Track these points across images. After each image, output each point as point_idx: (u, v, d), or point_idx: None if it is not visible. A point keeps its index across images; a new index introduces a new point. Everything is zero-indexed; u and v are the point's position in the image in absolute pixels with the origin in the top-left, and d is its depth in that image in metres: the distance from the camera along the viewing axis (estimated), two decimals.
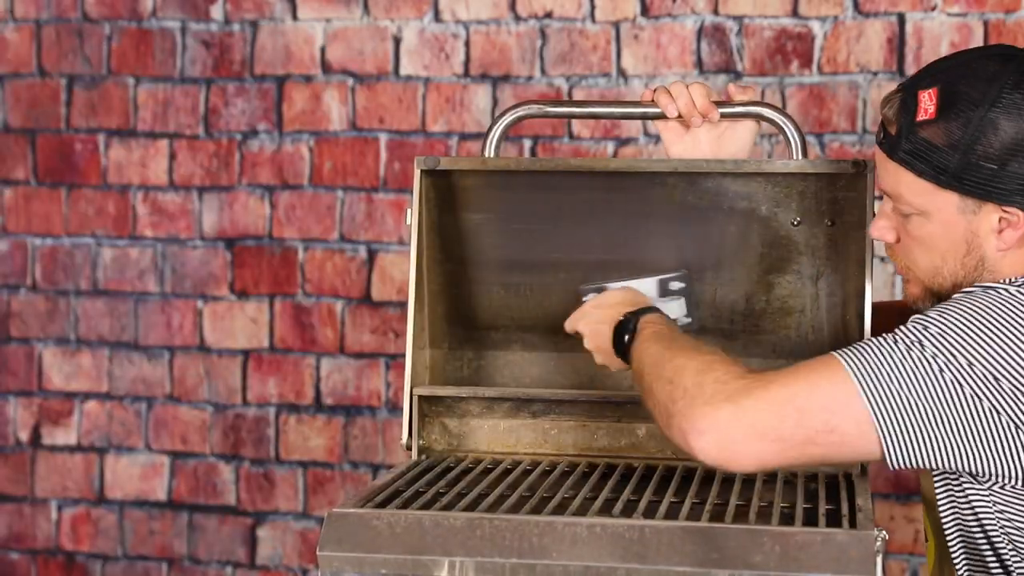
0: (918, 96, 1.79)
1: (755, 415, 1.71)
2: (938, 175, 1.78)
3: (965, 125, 1.75)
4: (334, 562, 1.70)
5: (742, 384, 1.73)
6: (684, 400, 1.74)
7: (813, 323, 2.17)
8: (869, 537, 1.62)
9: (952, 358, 1.70)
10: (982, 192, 1.77)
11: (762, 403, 1.71)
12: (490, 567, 1.67)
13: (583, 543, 1.66)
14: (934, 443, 1.71)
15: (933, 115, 1.77)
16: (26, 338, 3.67)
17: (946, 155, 1.77)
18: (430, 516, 1.71)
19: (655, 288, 2.08)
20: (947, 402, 1.69)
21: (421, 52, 3.40)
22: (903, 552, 3.20)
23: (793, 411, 1.71)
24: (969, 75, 1.78)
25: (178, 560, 3.60)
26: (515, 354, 2.26)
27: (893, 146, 1.81)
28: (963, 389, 1.69)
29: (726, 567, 1.63)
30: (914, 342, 1.71)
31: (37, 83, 3.62)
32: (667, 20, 3.27)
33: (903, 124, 1.80)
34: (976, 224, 1.80)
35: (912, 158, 1.79)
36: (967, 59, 1.82)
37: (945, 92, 1.77)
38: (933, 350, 1.70)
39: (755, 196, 2.12)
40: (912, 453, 1.71)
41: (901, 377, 1.70)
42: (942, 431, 1.70)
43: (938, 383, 1.69)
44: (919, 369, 1.70)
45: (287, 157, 3.49)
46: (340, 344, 3.48)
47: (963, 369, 1.69)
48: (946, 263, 1.83)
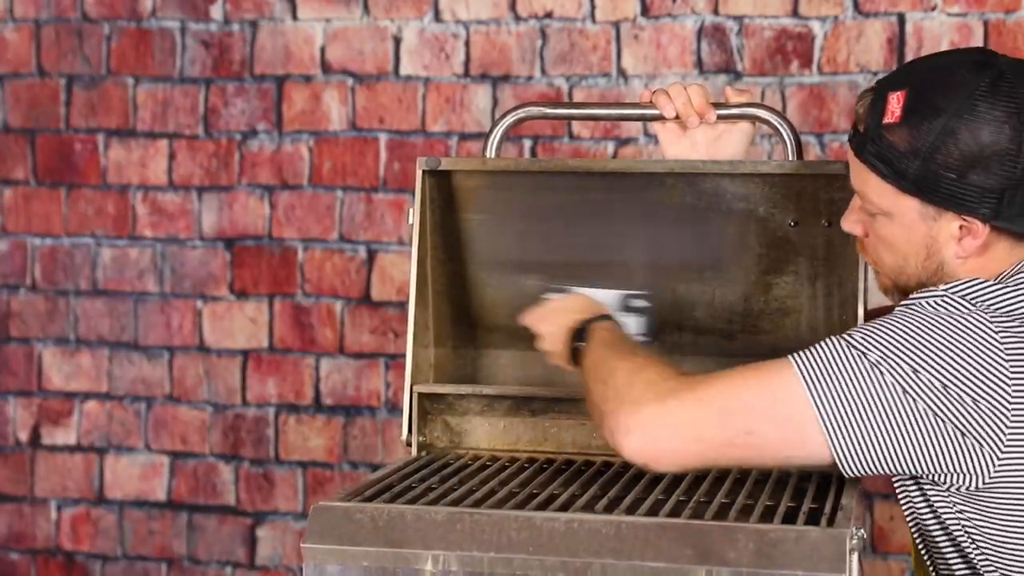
0: (887, 97, 1.79)
1: (677, 415, 1.74)
2: (900, 180, 1.78)
3: (927, 133, 1.75)
4: (317, 555, 1.72)
5: (670, 385, 1.76)
6: (614, 400, 1.78)
7: (811, 324, 2.18)
8: (842, 535, 1.64)
9: (897, 365, 1.71)
10: (941, 200, 1.78)
11: (686, 404, 1.74)
12: (468, 560, 1.69)
13: (560, 538, 1.69)
14: (882, 449, 1.72)
15: (898, 119, 1.77)
16: (26, 338, 3.67)
17: (908, 161, 1.77)
18: (412, 510, 1.73)
19: (617, 301, 2.09)
20: (893, 408, 1.71)
21: (421, 52, 3.40)
22: (903, 552, 3.20)
23: (714, 413, 1.74)
24: (939, 81, 1.78)
25: (178, 560, 3.60)
26: (515, 353, 2.27)
27: (860, 145, 1.82)
28: (907, 395, 1.71)
29: (700, 563, 1.64)
30: (859, 350, 1.73)
31: (37, 83, 3.63)
32: (667, 20, 3.28)
33: (871, 124, 1.81)
34: (936, 230, 1.80)
35: (876, 160, 1.80)
36: (942, 63, 1.82)
37: (912, 97, 1.77)
38: (877, 356, 1.71)
39: (753, 197, 2.13)
40: (863, 459, 1.73)
41: (848, 383, 1.71)
42: (889, 437, 1.72)
43: (883, 389, 1.71)
44: (865, 375, 1.71)
45: (287, 157, 3.49)
46: (340, 344, 3.48)
47: (908, 376, 1.71)
48: (908, 264, 1.85)
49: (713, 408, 1.74)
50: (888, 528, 3.21)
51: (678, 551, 1.66)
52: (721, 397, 1.75)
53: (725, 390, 1.75)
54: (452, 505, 1.80)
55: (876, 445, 1.72)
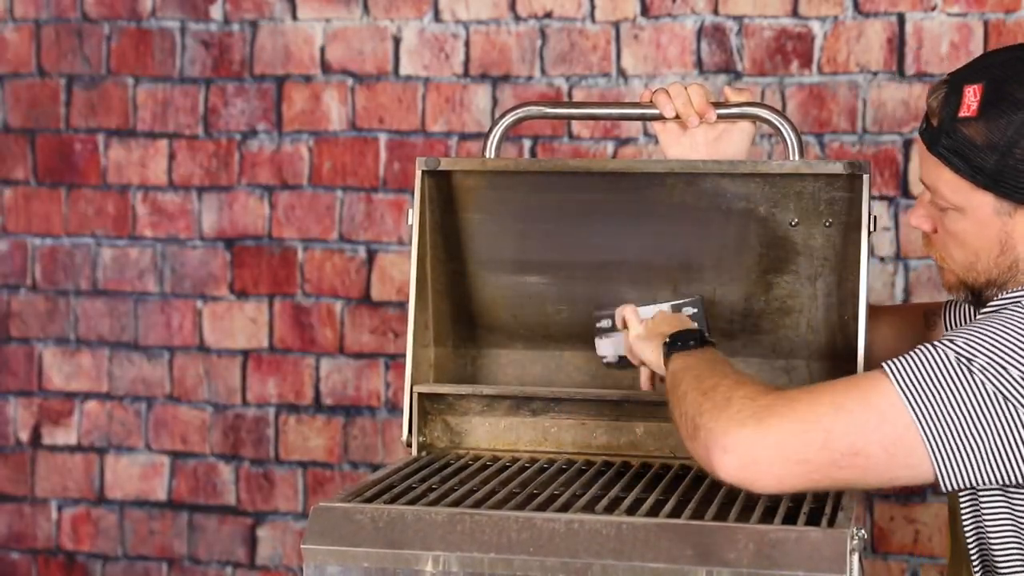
0: (963, 91, 1.75)
1: (779, 435, 1.66)
2: (975, 174, 1.75)
3: (1006, 127, 1.72)
4: (318, 555, 1.72)
5: (768, 401, 1.69)
6: (711, 413, 1.70)
7: (811, 323, 2.18)
8: (843, 535, 1.63)
9: (1002, 372, 1.66)
10: (1019, 195, 1.74)
11: (787, 422, 1.66)
12: (468, 561, 1.69)
13: (560, 539, 1.68)
14: (986, 463, 1.66)
15: (975, 113, 1.73)
16: (26, 338, 3.67)
17: (984, 155, 1.73)
18: (412, 511, 1.73)
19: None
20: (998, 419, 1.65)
21: (421, 52, 3.40)
22: (903, 552, 3.20)
23: (819, 433, 1.66)
24: (1017, 74, 1.74)
25: (178, 560, 3.60)
26: (515, 353, 2.27)
27: (933, 139, 1.78)
28: (1010, 404, 1.65)
29: (700, 563, 1.64)
30: (965, 357, 1.67)
31: (37, 83, 3.63)
32: (667, 20, 3.28)
33: (945, 118, 1.76)
34: (1011, 226, 1.77)
35: (951, 154, 1.76)
36: (1020, 55, 1.77)
37: (990, 90, 1.73)
38: (983, 363, 1.66)
39: (753, 197, 2.13)
40: (965, 472, 1.67)
41: (950, 396, 1.66)
42: (994, 450, 1.66)
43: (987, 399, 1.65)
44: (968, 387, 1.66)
45: (287, 157, 3.49)
46: (340, 344, 3.48)
47: (1014, 383, 1.65)
48: (980, 260, 1.81)
49: (818, 428, 1.66)
50: (888, 528, 3.21)
51: (678, 551, 1.65)
52: (826, 417, 1.67)
53: (829, 410, 1.67)
54: (452, 506, 1.80)
55: (980, 459, 1.66)
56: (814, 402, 1.68)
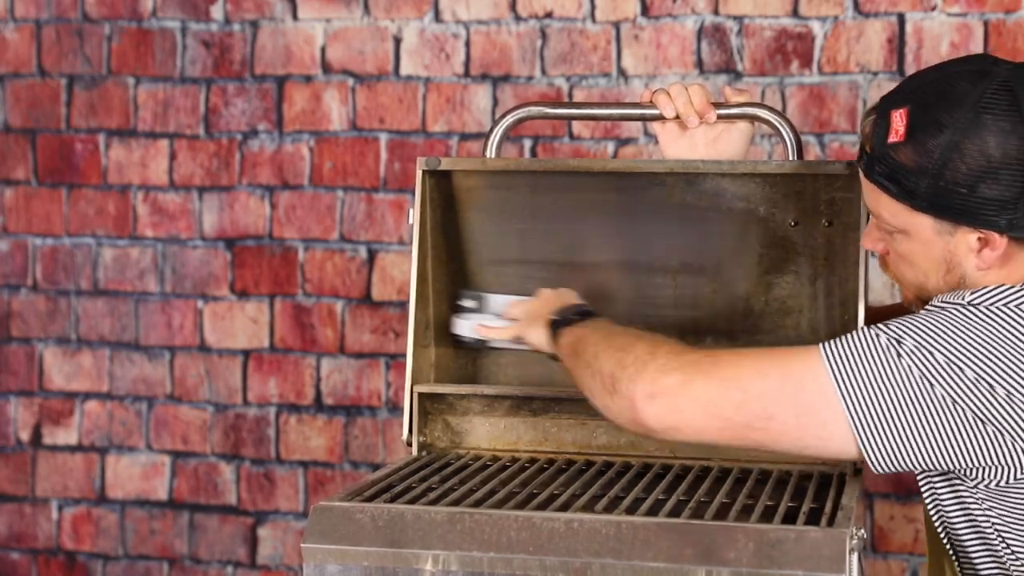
0: (890, 116, 1.77)
1: (701, 390, 1.73)
2: (911, 198, 1.77)
3: (934, 149, 1.73)
4: (317, 554, 1.73)
5: (694, 357, 1.76)
6: (635, 366, 1.76)
7: (811, 323, 2.18)
8: (842, 535, 1.64)
9: (928, 356, 1.70)
10: (955, 216, 1.76)
11: (711, 381, 1.73)
12: (468, 561, 1.69)
13: (560, 538, 1.69)
14: (913, 444, 1.71)
15: (903, 138, 1.75)
16: (27, 338, 3.67)
17: (916, 179, 1.75)
18: (412, 510, 1.73)
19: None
20: (923, 401, 1.70)
21: (421, 52, 3.41)
22: (903, 552, 3.21)
23: (737, 394, 1.72)
24: (940, 96, 1.75)
25: (179, 560, 3.60)
26: (516, 352, 2.27)
27: (869, 166, 1.81)
28: (936, 388, 1.69)
29: (700, 563, 1.64)
30: (894, 338, 1.71)
31: (37, 83, 3.63)
32: (667, 20, 3.28)
33: (876, 144, 1.79)
34: (954, 245, 1.79)
35: (886, 180, 1.78)
36: (941, 76, 1.79)
37: (915, 114, 1.75)
38: (912, 345, 1.70)
39: (753, 197, 2.13)
40: (890, 453, 1.72)
41: (877, 375, 1.70)
42: (920, 431, 1.70)
43: (912, 381, 1.70)
44: (894, 367, 1.70)
45: (287, 157, 3.49)
46: (340, 344, 3.48)
47: (938, 368, 1.69)
48: (929, 279, 1.83)
49: (736, 388, 1.72)
50: (888, 528, 3.21)
51: (678, 551, 1.66)
52: (746, 379, 1.73)
53: (751, 372, 1.74)
54: (452, 505, 1.80)
55: (906, 440, 1.71)
56: (738, 364, 1.75)
